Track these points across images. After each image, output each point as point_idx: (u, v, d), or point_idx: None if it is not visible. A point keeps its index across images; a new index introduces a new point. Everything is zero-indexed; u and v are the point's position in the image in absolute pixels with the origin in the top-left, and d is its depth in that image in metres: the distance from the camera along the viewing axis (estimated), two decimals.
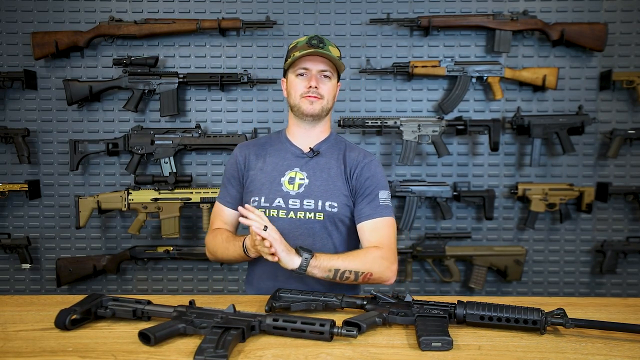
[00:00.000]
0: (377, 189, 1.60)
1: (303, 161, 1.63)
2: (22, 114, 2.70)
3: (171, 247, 2.64)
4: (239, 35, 2.66)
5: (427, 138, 2.59)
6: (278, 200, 1.58)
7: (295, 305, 1.31)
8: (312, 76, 1.57)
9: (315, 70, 1.57)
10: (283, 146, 1.67)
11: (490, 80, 2.60)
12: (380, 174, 1.63)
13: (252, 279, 1.69)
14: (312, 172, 1.61)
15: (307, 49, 1.55)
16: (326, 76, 1.59)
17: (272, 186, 1.60)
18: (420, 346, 1.11)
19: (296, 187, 1.59)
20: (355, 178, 1.61)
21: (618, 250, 2.67)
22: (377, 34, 2.68)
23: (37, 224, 2.75)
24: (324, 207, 1.57)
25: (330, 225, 1.59)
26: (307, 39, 1.59)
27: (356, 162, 1.63)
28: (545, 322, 1.18)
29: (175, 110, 2.60)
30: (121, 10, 2.65)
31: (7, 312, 1.35)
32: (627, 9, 2.64)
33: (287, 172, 1.62)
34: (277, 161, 1.64)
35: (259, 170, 1.64)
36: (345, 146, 1.68)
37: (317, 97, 1.58)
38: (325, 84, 1.59)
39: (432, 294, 2.76)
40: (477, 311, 1.22)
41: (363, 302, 1.31)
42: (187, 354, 1.09)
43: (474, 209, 2.75)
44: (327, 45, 1.58)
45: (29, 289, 2.79)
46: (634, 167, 2.71)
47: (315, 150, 1.64)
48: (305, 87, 1.57)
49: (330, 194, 1.58)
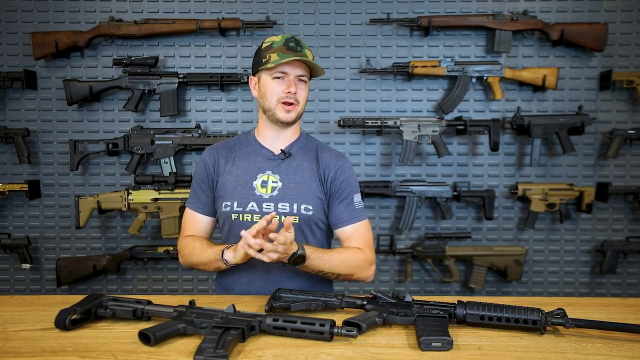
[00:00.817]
0: (352, 193, 1.61)
1: (275, 163, 1.60)
2: (22, 114, 2.70)
3: (171, 247, 2.64)
4: (239, 35, 2.66)
5: (427, 138, 2.59)
6: (251, 204, 1.56)
7: (296, 305, 1.31)
8: (290, 81, 1.52)
9: (294, 74, 1.53)
10: (253, 148, 1.63)
11: (490, 80, 2.60)
12: (353, 177, 1.64)
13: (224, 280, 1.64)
14: (285, 174, 1.58)
15: (285, 52, 1.50)
16: (303, 80, 1.55)
17: (245, 190, 1.57)
18: (420, 346, 1.11)
19: (269, 190, 1.57)
20: (330, 181, 1.59)
21: (618, 250, 2.67)
22: (377, 34, 2.68)
23: (37, 224, 2.75)
24: (299, 210, 1.55)
25: (306, 228, 1.57)
26: (283, 39, 1.53)
27: (330, 164, 1.61)
28: (545, 322, 1.19)
29: (175, 110, 2.60)
30: (121, 10, 2.65)
31: (7, 312, 1.35)
32: (627, 9, 2.64)
33: (258, 175, 1.58)
34: (248, 164, 1.60)
35: (229, 173, 1.60)
36: (317, 147, 1.66)
37: (294, 104, 1.54)
38: (302, 88, 1.55)
39: (432, 294, 2.76)
40: (477, 311, 1.22)
41: (363, 302, 1.31)
42: (187, 354, 1.09)
43: (474, 209, 2.75)
44: (304, 48, 1.54)
45: (29, 289, 2.79)
46: (634, 167, 2.71)
47: (287, 152, 1.60)
48: (283, 91, 1.52)
49: (305, 197, 1.56)
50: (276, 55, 1.50)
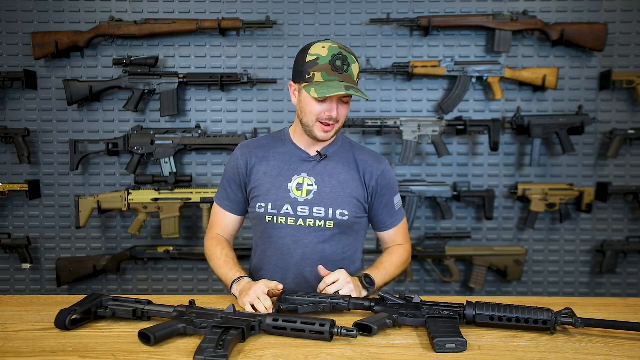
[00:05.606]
0: (393, 196, 1.62)
1: (310, 166, 1.56)
2: (22, 114, 2.70)
3: (171, 247, 2.64)
4: (239, 35, 2.66)
5: (427, 138, 2.59)
6: (286, 207, 1.53)
7: (303, 308, 1.29)
8: (332, 104, 1.44)
9: (337, 97, 1.44)
10: (287, 149, 1.59)
11: (490, 80, 2.60)
12: (394, 180, 1.64)
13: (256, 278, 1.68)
14: (321, 177, 1.55)
15: (331, 74, 1.41)
16: (345, 102, 1.48)
17: (279, 192, 1.54)
18: (434, 348, 1.10)
19: (304, 193, 1.53)
20: (373, 187, 1.57)
21: (618, 250, 2.67)
22: (377, 34, 2.68)
23: (37, 224, 2.75)
24: (335, 216, 1.53)
25: (341, 233, 1.56)
26: (329, 55, 1.41)
27: (371, 168, 1.58)
28: (555, 322, 1.18)
29: (175, 111, 2.60)
30: (121, 10, 2.65)
31: (7, 312, 1.35)
32: (627, 9, 2.64)
33: (294, 178, 1.55)
34: (283, 165, 1.56)
35: (263, 174, 1.57)
36: (353, 148, 1.62)
37: (333, 125, 1.48)
38: (343, 109, 1.48)
39: (432, 294, 2.76)
40: (487, 312, 1.21)
41: (371, 303, 1.30)
42: (187, 354, 1.09)
43: (474, 209, 2.75)
44: (351, 64, 1.44)
45: (29, 289, 2.79)
46: (634, 167, 2.71)
47: (323, 154, 1.56)
48: (324, 113, 1.45)
49: (341, 202, 1.53)
50: (320, 77, 1.42)
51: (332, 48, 1.43)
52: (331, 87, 1.40)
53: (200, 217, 2.67)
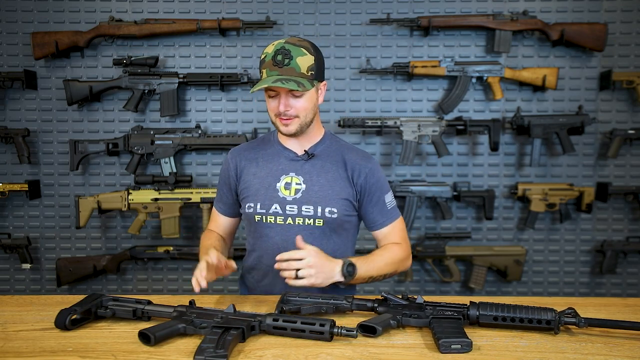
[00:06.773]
0: (383, 194, 1.60)
1: (298, 165, 1.57)
2: (22, 114, 2.70)
3: (171, 247, 2.64)
4: (239, 35, 2.66)
5: (427, 138, 2.59)
6: (275, 207, 1.54)
7: (306, 309, 1.29)
8: (280, 99, 1.46)
9: (284, 91, 1.44)
10: (276, 149, 1.60)
11: (490, 80, 2.60)
12: (383, 177, 1.62)
13: (248, 279, 1.69)
14: (309, 176, 1.56)
15: (272, 69, 1.43)
16: (298, 96, 1.46)
17: (268, 192, 1.55)
18: (439, 349, 1.10)
19: (292, 192, 1.54)
20: (361, 184, 1.57)
21: (618, 250, 2.67)
22: (377, 34, 2.68)
23: (37, 224, 2.75)
24: (324, 214, 1.53)
25: (330, 231, 1.56)
26: (273, 52, 1.43)
27: (359, 166, 1.57)
28: (559, 322, 1.18)
29: (175, 111, 2.60)
30: (121, 10, 2.65)
31: (7, 312, 1.35)
32: (627, 9, 2.64)
33: (282, 177, 1.56)
34: (271, 166, 1.58)
35: (253, 175, 1.59)
36: (342, 147, 1.62)
37: (290, 119, 1.48)
38: (297, 102, 1.46)
39: (432, 294, 2.76)
40: (491, 312, 1.21)
41: (374, 304, 1.30)
42: (187, 354, 1.09)
43: (474, 209, 2.75)
44: (295, 58, 1.42)
45: (29, 289, 2.79)
46: (634, 167, 2.71)
47: (310, 152, 1.57)
48: (277, 107, 1.47)
49: (330, 200, 1.54)
50: (265, 73, 1.45)
51: (278, 44, 1.45)
52: (264, 82, 1.43)
53: (200, 217, 2.67)
